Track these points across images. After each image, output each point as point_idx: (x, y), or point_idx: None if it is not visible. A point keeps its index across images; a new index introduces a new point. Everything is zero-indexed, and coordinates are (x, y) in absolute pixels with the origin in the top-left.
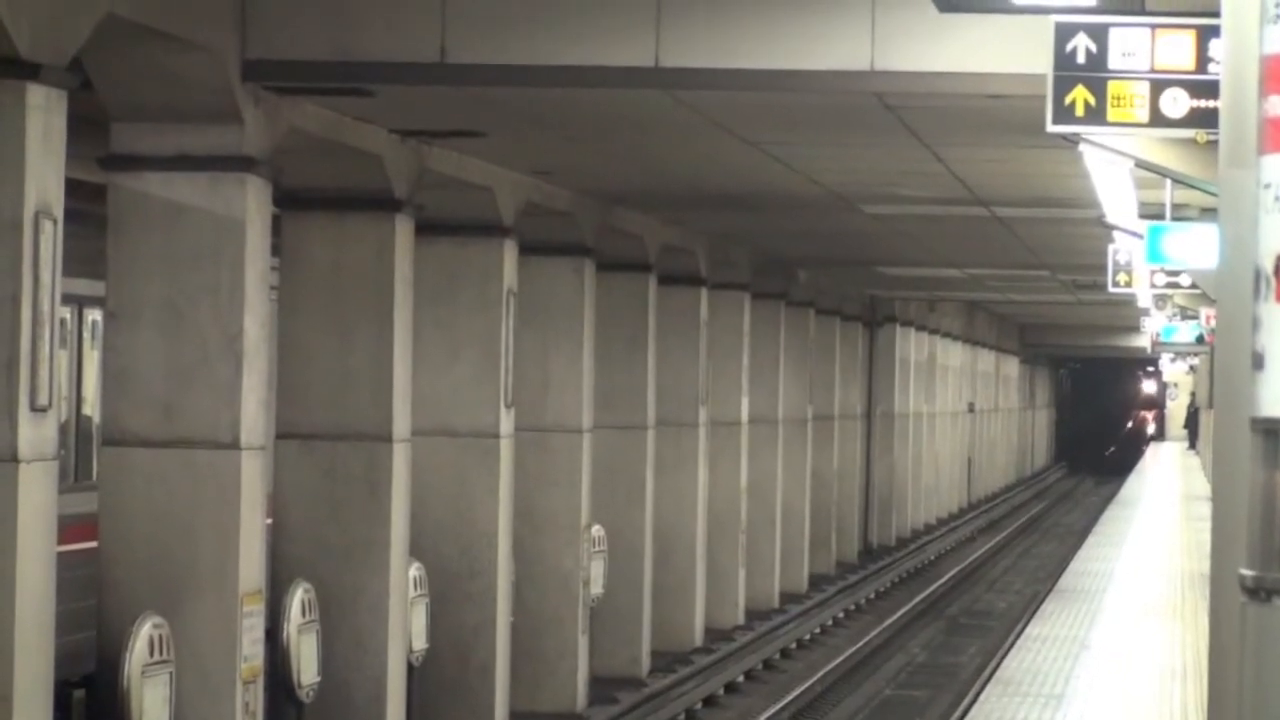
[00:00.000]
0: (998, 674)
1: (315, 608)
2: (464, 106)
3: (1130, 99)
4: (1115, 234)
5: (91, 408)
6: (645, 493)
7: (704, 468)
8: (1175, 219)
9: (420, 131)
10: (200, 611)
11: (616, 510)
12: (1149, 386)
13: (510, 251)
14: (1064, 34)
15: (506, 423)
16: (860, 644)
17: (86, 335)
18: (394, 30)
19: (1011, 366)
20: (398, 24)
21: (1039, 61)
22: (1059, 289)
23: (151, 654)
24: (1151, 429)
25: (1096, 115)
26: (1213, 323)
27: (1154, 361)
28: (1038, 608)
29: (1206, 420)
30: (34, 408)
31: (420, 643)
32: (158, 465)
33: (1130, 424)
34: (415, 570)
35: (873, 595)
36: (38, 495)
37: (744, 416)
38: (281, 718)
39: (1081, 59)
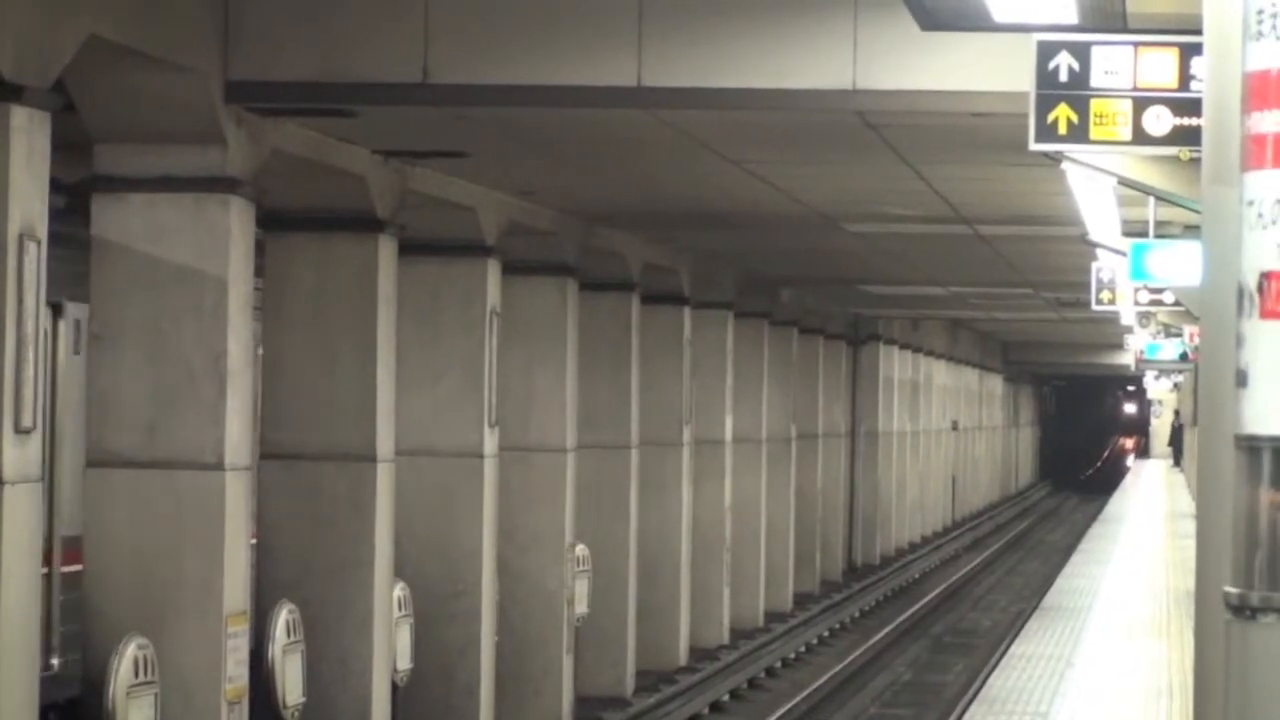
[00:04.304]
0: (983, 693)
1: (300, 628)
2: (446, 127)
3: (1113, 117)
4: (1098, 251)
5: None
6: (629, 512)
7: (688, 487)
8: (1158, 236)
9: (403, 152)
10: (185, 632)
11: (601, 529)
12: (1131, 407)
13: (493, 271)
14: (1046, 52)
15: (490, 442)
16: (845, 663)
17: None
18: (376, 51)
19: (995, 384)
20: (380, 45)
21: (1021, 80)
22: (1042, 307)
23: (136, 675)
24: (1131, 460)
25: (1079, 133)
26: (1196, 340)
27: (1137, 380)
28: (1023, 626)
29: (1190, 437)
30: (18, 430)
31: (405, 663)
32: (142, 486)
33: (1108, 453)
34: (400, 590)
35: (857, 614)
36: (22, 517)
37: (728, 435)
38: None
39: (1064, 77)
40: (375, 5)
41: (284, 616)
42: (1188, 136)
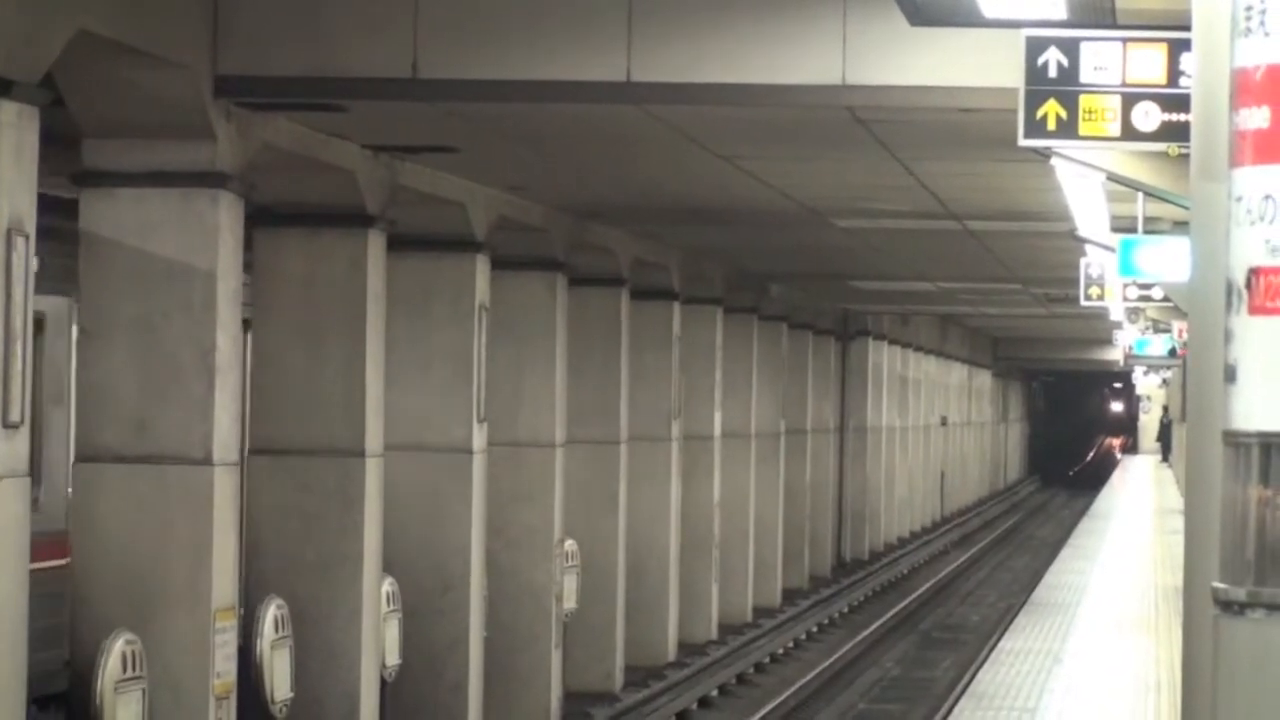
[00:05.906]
0: (971, 688)
1: (288, 623)
2: (436, 122)
3: (1102, 113)
4: (1087, 247)
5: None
6: (618, 507)
7: (677, 482)
8: (1147, 232)
9: (393, 147)
10: (173, 627)
11: (590, 525)
12: (1119, 404)
13: (483, 266)
14: (1035, 48)
15: (479, 437)
16: (834, 658)
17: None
18: (366, 46)
19: (984, 380)
20: (370, 40)
21: (1010, 75)
22: (1031, 302)
23: (124, 670)
24: (1119, 455)
25: (1068, 129)
26: (1185, 335)
27: (1126, 376)
28: (1011, 621)
29: (1179, 433)
30: (6, 424)
31: (393, 658)
32: (131, 481)
33: (1094, 453)
34: (388, 585)
35: (846, 609)
36: (9, 512)
37: (717, 431)
38: None
39: (1053, 73)
40: (365, 0)
41: (272, 612)
42: (1176, 132)
